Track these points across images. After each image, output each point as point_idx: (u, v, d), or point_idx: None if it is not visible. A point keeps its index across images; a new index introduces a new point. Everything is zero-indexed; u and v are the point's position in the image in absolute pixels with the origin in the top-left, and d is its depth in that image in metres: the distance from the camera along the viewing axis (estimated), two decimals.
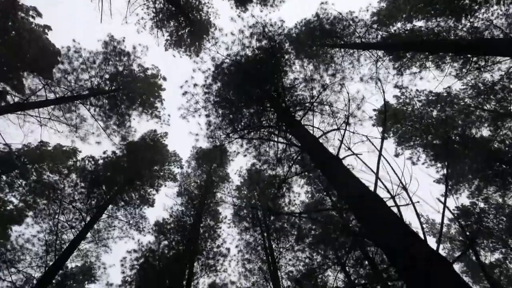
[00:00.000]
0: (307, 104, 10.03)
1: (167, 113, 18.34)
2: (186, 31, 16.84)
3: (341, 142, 5.83)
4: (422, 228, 3.85)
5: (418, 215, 3.94)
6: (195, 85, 11.99)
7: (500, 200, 19.15)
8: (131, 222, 15.58)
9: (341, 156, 5.95)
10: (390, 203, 6.07)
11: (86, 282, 15.56)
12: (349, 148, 6.07)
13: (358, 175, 6.88)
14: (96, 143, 14.34)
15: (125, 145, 16.48)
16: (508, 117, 15.31)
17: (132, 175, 16.40)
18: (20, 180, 15.57)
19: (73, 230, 12.98)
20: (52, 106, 12.49)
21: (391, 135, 19.91)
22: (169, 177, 19.18)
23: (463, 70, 13.91)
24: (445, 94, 17.51)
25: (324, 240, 16.11)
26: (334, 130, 7.48)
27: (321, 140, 10.88)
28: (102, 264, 14.81)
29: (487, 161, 16.91)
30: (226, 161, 19.16)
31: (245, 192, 19.08)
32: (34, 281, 10.07)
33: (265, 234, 16.18)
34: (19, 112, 10.86)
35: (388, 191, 4.40)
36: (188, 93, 12.07)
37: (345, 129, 6.03)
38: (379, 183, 4.61)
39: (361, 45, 14.05)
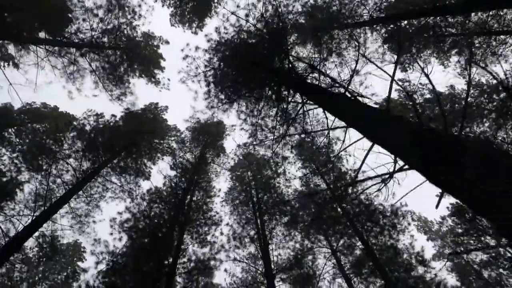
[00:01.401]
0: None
1: (167, 77, 18.24)
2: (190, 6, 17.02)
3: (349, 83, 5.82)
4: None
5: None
6: (196, 48, 11.99)
7: None
8: (125, 188, 15.69)
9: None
10: None
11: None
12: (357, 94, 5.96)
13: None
14: (94, 96, 14.45)
15: (125, 113, 16.56)
16: None
17: (130, 144, 16.46)
18: (17, 139, 15.72)
19: (65, 186, 13.09)
20: (49, 47, 12.30)
21: None
22: (167, 152, 19.19)
23: None
24: None
25: (317, 224, 16.15)
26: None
27: None
28: (92, 218, 14.90)
29: None
30: (223, 134, 19.21)
31: (239, 172, 19.11)
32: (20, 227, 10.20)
33: (257, 214, 16.22)
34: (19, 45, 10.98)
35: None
36: (189, 56, 12.08)
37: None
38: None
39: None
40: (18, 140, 15.66)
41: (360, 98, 5.49)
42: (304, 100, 8.52)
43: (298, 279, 14.35)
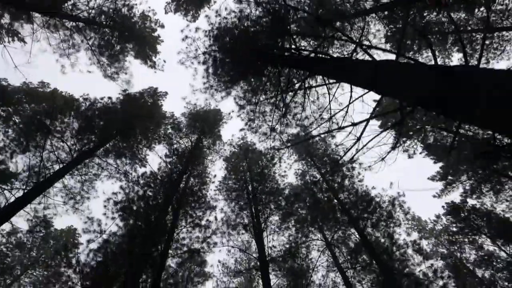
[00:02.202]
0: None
1: (163, 59, 18.14)
2: None
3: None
4: None
5: None
6: (197, 29, 11.87)
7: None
8: (120, 170, 15.53)
9: None
10: None
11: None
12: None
13: None
14: (88, 72, 14.31)
15: (123, 95, 16.41)
16: None
17: (126, 127, 16.30)
18: (14, 117, 15.56)
19: (60, 163, 12.91)
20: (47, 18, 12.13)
21: None
22: (163, 138, 18.95)
23: None
24: None
25: (312, 215, 16.06)
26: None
27: None
28: (86, 194, 14.73)
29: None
30: (219, 122, 19.08)
31: (235, 161, 18.93)
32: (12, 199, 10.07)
33: (252, 203, 16.09)
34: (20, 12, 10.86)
35: None
36: (189, 38, 11.96)
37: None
38: None
39: None
40: (14, 119, 15.50)
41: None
42: (307, 75, 8.44)
43: (291, 271, 14.18)
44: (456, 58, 16.46)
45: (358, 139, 5.81)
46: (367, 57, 6.22)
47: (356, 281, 12.90)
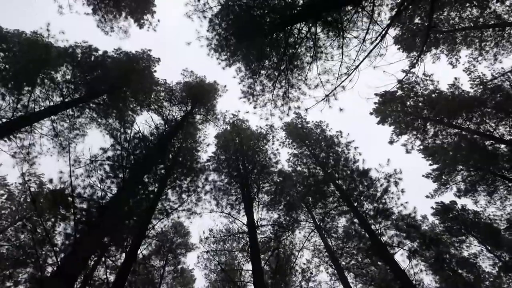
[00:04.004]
0: None
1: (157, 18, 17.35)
2: None
3: None
4: None
5: None
6: None
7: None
8: (112, 125, 14.80)
9: None
10: None
11: None
12: None
13: None
14: (85, 14, 13.68)
15: (116, 52, 15.66)
16: None
17: (116, 86, 15.49)
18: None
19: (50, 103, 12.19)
20: None
21: None
22: (155, 105, 17.99)
23: None
24: None
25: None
26: None
27: None
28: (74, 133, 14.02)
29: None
30: (215, 94, 18.50)
31: (228, 135, 18.29)
32: None
33: (243, 180, 15.59)
34: None
35: None
36: None
37: None
38: None
39: None
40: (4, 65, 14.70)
41: None
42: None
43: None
44: None
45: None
46: None
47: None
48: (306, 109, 10.19)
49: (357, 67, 7.54)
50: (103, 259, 12.97)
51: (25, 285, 14.93)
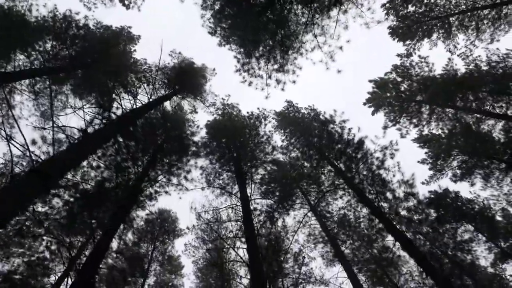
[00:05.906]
0: None
1: None
2: None
3: None
4: None
5: None
6: None
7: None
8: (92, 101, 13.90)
9: None
10: None
11: None
12: None
13: None
14: None
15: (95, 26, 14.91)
16: None
17: (93, 61, 14.60)
18: None
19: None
20: None
21: None
22: (137, 81, 16.65)
23: None
24: None
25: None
26: None
27: None
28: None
29: None
30: (204, 76, 17.77)
31: (219, 120, 17.53)
32: None
33: (235, 162, 14.96)
34: None
35: None
36: None
37: None
38: None
39: None
40: None
41: None
42: None
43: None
44: None
45: None
46: None
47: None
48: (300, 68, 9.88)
49: None
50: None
51: None
